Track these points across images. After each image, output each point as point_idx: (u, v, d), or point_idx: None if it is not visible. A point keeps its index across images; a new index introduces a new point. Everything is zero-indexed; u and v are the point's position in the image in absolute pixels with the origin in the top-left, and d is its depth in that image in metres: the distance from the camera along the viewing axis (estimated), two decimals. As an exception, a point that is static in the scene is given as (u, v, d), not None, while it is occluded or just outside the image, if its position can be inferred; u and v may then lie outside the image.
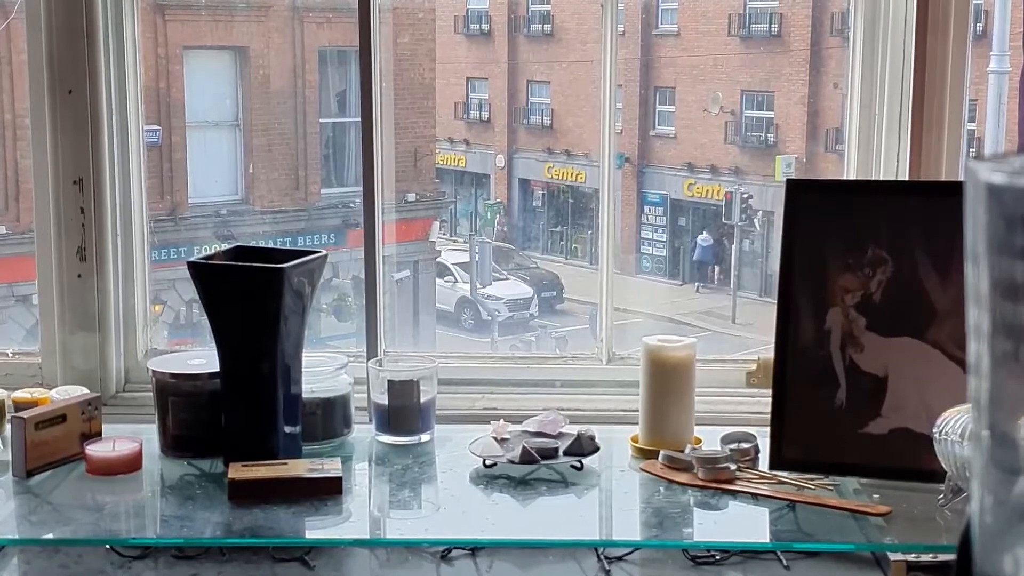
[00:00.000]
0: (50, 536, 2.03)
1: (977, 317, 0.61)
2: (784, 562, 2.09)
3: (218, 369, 2.12)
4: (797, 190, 2.16)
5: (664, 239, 8.45)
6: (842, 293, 2.07)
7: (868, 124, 2.46)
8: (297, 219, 6.58)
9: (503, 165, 8.69)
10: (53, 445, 2.12)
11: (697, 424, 2.24)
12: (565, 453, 2.13)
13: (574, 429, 2.18)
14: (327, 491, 2.02)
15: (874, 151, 2.45)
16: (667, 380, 2.22)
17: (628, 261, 8.28)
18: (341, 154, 6.77)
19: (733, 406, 2.43)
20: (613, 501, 2.16)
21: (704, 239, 8.27)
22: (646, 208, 8.45)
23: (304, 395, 2.18)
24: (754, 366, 2.47)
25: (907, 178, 2.36)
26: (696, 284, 8.22)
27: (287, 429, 2.12)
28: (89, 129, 2.45)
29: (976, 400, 0.62)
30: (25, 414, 2.11)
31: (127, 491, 2.09)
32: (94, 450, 2.12)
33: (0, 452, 2.18)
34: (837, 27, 7.20)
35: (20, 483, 2.08)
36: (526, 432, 2.21)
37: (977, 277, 0.60)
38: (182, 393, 2.18)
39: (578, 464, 2.12)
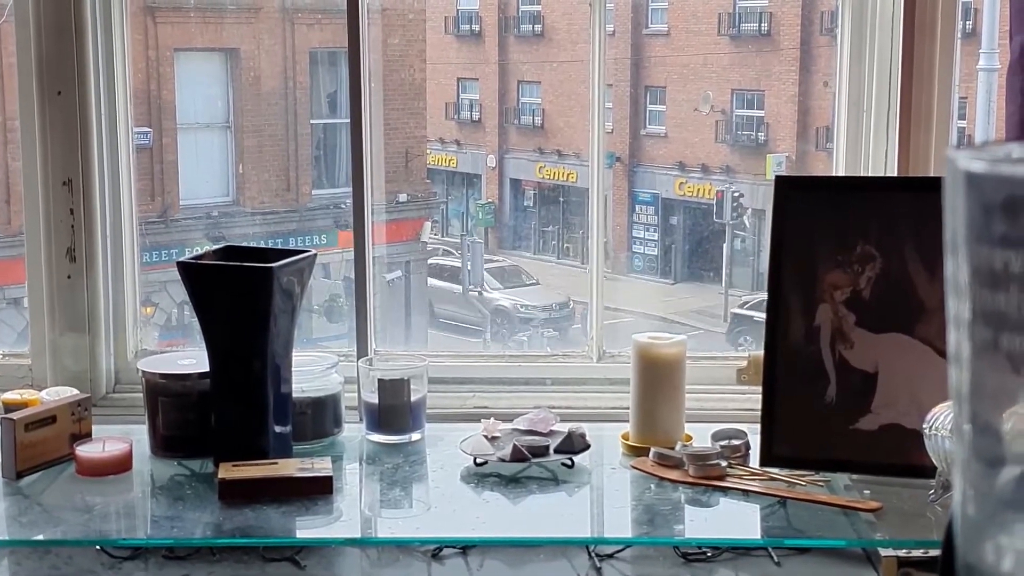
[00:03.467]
0: (40, 537, 2.03)
1: (957, 307, 0.61)
2: (775, 558, 2.09)
3: (208, 369, 2.12)
4: (786, 187, 2.16)
5: (656, 238, 8.44)
6: (831, 289, 2.07)
7: (856, 121, 2.46)
8: (288, 220, 6.57)
9: (494, 165, 8.68)
10: (43, 446, 2.12)
11: (688, 421, 2.24)
12: (556, 451, 2.13)
13: (565, 427, 2.19)
14: (318, 490, 2.02)
15: (863, 148, 2.45)
16: (658, 377, 2.22)
17: (619, 260, 8.27)
18: (332, 155, 6.76)
19: (724, 403, 2.43)
20: (604, 499, 2.16)
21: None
22: (637, 207, 8.44)
23: (294, 394, 2.18)
24: (744, 363, 2.47)
25: (896, 175, 2.37)
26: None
27: (277, 429, 2.12)
28: (78, 130, 2.45)
29: (957, 391, 0.62)
30: (15, 415, 2.10)
31: (117, 492, 2.09)
32: (84, 451, 2.11)
33: (-10, 454, 2.18)
34: (827, 26, 7.20)
35: (10, 484, 2.08)
36: (517, 430, 2.21)
37: (956, 266, 0.60)
38: (172, 393, 2.18)
39: (569, 462, 2.12)
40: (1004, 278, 0.58)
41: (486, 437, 2.18)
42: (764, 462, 2.08)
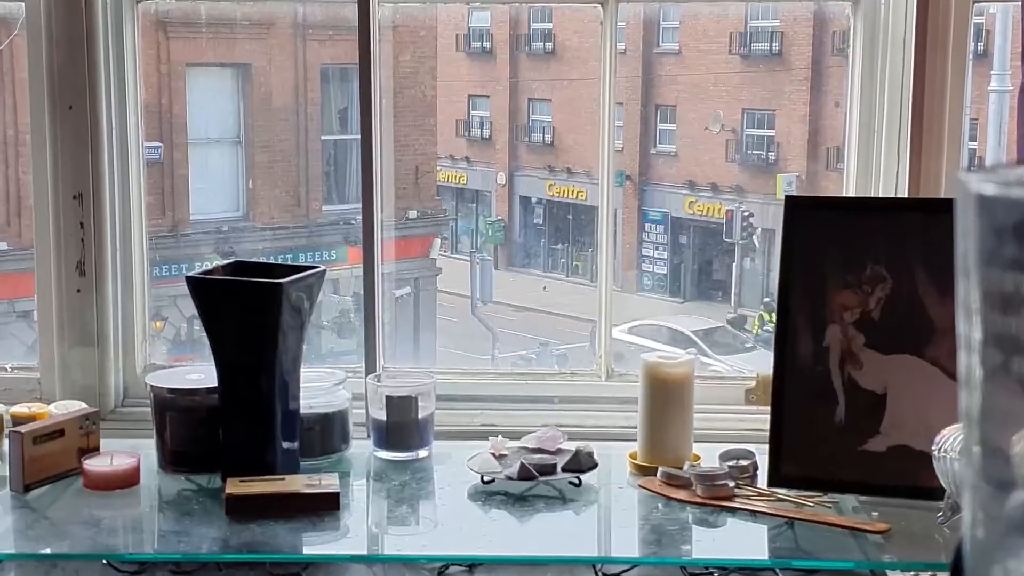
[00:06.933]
0: (48, 551, 2.03)
1: (968, 329, 0.60)
2: (782, 579, 2.09)
3: (216, 384, 2.12)
4: (796, 207, 2.16)
5: (665, 257, 8.45)
6: (841, 310, 2.07)
7: (867, 142, 2.46)
8: (298, 235, 6.58)
9: (504, 182, 8.70)
10: (51, 460, 2.11)
11: (696, 441, 2.24)
12: (563, 469, 2.13)
13: (572, 445, 2.18)
14: (325, 507, 2.01)
15: (873, 169, 2.45)
16: (666, 397, 2.21)
17: (629, 279, 8.27)
18: (343, 171, 6.78)
19: (732, 423, 2.43)
20: (611, 518, 2.16)
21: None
22: (647, 226, 8.45)
23: (302, 410, 2.18)
24: (753, 383, 2.47)
25: (907, 196, 2.37)
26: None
27: (285, 444, 2.12)
28: (89, 144, 2.45)
29: (967, 414, 0.62)
30: (23, 428, 2.10)
31: (125, 506, 2.09)
32: (92, 465, 2.11)
33: (-2, 467, 2.18)
34: (838, 46, 7.20)
35: (18, 498, 2.08)
36: (524, 448, 2.21)
37: (967, 290, 0.60)
38: (180, 408, 2.18)
39: (576, 480, 2.11)
40: (1015, 302, 0.58)
41: (493, 455, 2.18)
42: (772, 483, 2.08)
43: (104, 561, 2.10)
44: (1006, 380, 0.59)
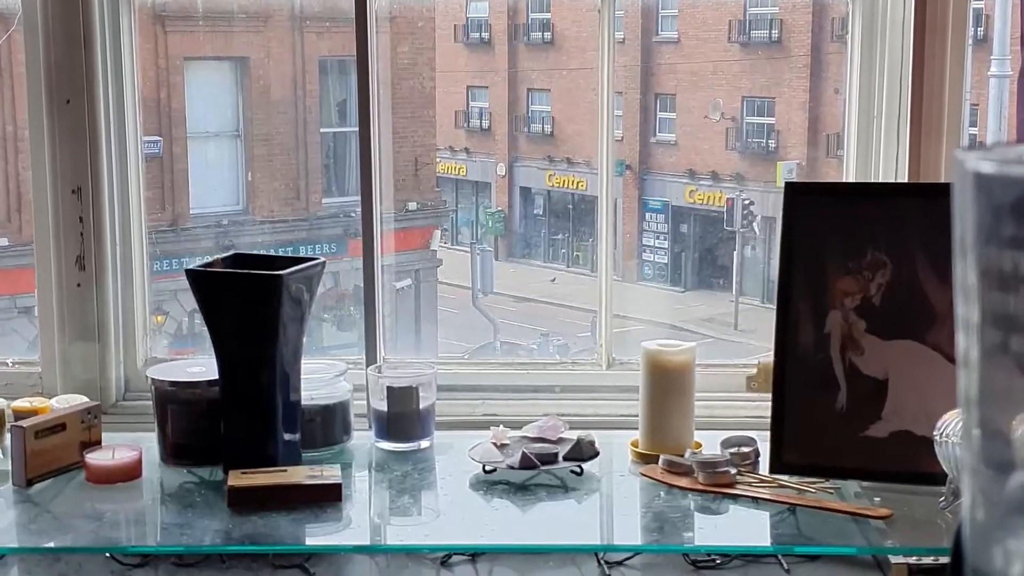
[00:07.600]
0: (50, 544, 2.03)
1: (966, 309, 0.60)
2: (785, 566, 2.09)
3: (217, 377, 2.12)
4: (796, 193, 2.16)
5: (665, 246, 8.43)
6: (842, 296, 2.07)
7: (867, 128, 2.45)
8: (298, 228, 6.57)
9: (504, 173, 8.68)
10: (53, 454, 2.12)
11: (697, 428, 2.24)
12: (565, 458, 2.13)
13: (574, 434, 2.18)
14: (327, 498, 2.01)
15: (873, 155, 2.45)
16: (667, 385, 2.21)
17: (629, 268, 8.26)
18: (342, 164, 6.76)
19: (733, 410, 2.43)
20: (613, 506, 2.16)
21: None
22: (647, 215, 8.43)
23: (303, 402, 2.18)
24: (754, 370, 2.47)
25: (907, 182, 2.36)
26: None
27: (286, 436, 2.12)
28: (87, 138, 2.45)
29: (966, 395, 0.61)
30: (25, 423, 2.11)
31: (127, 499, 2.09)
32: (94, 458, 2.12)
33: (0, 461, 2.18)
34: (838, 32, 7.18)
35: (20, 492, 2.08)
36: (526, 438, 2.21)
37: (965, 269, 0.60)
38: (181, 401, 2.18)
39: (578, 469, 2.12)
40: (1014, 280, 0.58)
41: (495, 444, 2.18)
42: (774, 469, 2.08)
43: (107, 554, 2.10)
44: (1004, 360, 0.58)
